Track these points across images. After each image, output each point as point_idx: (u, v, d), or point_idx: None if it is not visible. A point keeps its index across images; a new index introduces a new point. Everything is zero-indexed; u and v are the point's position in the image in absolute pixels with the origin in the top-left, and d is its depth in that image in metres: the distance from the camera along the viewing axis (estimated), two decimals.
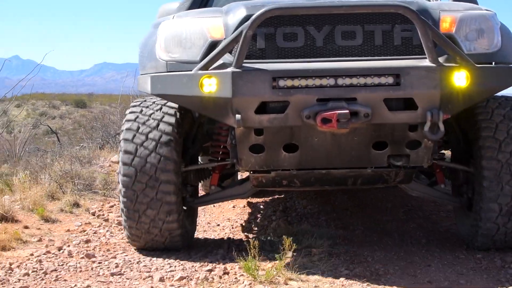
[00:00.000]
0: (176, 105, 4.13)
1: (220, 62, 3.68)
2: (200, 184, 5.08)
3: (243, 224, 5.49)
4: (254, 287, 3.50)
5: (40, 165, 7.63)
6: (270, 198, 6.71)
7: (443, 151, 4.68)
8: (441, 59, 3.62)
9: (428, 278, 3.74)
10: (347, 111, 3.52)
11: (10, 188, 6.49)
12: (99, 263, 4.12)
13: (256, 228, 5.33)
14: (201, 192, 5.91)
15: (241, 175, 6.17)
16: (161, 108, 4.12)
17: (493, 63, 3.84)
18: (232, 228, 5.37)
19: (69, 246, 4.54)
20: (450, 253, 4.29)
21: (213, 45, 3.77)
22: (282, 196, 6.75)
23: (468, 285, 3.62)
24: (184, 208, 4.35)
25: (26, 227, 5.09)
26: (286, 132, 3.70)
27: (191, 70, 3.67)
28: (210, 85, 3.61)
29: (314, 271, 3.72)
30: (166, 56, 3.87)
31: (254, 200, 6.62)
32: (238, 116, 3.56)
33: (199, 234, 5.07)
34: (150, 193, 3.99)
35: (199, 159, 5.25)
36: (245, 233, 5.13)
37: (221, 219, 5.72)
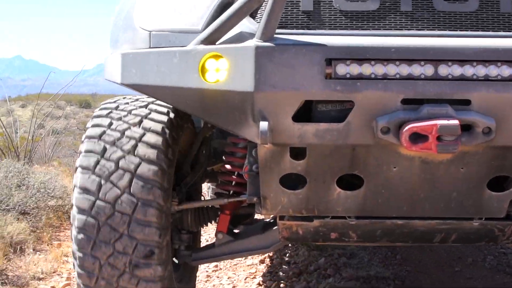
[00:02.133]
0: (165, 117, 2.56)
1: (235, 32, 2.18)
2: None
3: None
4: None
5: None
6: None
7: None
8: None
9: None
10: (457, 122, 1.99)
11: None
12: None
13: None
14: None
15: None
16: (141, 122, 2.52)
17: None
18: None
19: None
20: None
21: (226, 4, 2.28)
22: None
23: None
24: (176, 261, 2.84)
25: None
26: (344, 155, 2.17)
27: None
28: (217, 70, 2.11)
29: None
30: (149, 23, 2.37)
31: None
32: (263, 125, 2.04)
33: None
34: (119, 263, 2.37)
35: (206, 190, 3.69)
36: None
37: None
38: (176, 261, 2.90)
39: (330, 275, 4.02)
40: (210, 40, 2.14)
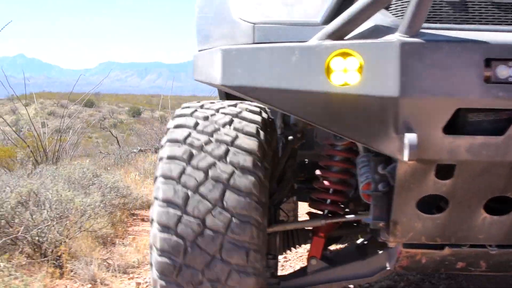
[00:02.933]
0: (258, 116, 2.19)
1: (367, 26, 1.82)
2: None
3: None
4: None
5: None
6: None
7: None
8: None
9: None
10: None
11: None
12: None
13: None
14: None
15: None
16: (231, 121, 2.14)
17: None
18: None
19: None
20: None
21: None
22: None
23: None
24: None
25: None
26: (499, 174, 1.81)
27: (306, 41, 1.82)
28: (344, 71, 1.75)
29: None
30: (252, 14, 2.01)
31: None
32: (411, 138, 1.69)
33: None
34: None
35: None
36: None
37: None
38: None
39: None
40: (338, 35, 1.78)
